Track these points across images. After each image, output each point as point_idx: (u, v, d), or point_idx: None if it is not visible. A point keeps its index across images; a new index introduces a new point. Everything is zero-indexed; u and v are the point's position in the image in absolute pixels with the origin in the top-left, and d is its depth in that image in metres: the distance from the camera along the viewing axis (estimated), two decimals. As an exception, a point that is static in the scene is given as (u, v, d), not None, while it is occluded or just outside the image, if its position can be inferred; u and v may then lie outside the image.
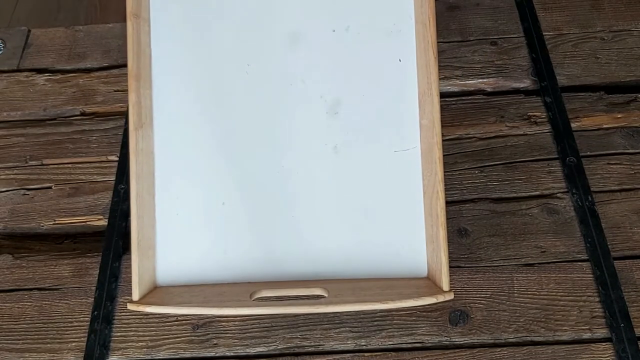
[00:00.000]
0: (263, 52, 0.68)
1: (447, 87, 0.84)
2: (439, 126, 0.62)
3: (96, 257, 0.73)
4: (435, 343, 0.65)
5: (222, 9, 0.69)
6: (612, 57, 0.85)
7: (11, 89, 0.88)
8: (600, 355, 0.63)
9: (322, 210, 0.66)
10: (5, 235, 0.77)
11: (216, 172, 0.67)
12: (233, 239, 0.66)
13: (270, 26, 0.68)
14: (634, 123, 0.79)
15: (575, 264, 0.69)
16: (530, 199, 0.74)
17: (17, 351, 0.67)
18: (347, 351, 0.65)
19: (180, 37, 0.68)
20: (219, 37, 0.69)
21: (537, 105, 0.81)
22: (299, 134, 0.67)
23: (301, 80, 0.68)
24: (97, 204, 0.77)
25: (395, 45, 0.67)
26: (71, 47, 0.91)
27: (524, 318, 0.65)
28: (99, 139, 0.82)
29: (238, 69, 0.68)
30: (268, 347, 0.65)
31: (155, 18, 0.68)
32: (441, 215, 0.61)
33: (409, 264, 0.65)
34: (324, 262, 0.65)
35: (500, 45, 0.87)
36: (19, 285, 0.72)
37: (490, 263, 0.69)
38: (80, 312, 0.69)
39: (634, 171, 0.75)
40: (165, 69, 0.68)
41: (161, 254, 0.66)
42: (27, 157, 0.81)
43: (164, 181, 0.67)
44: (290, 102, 0.68)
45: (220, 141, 0.68)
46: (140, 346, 0.66)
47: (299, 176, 0.67)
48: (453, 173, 0.76)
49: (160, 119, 0.67)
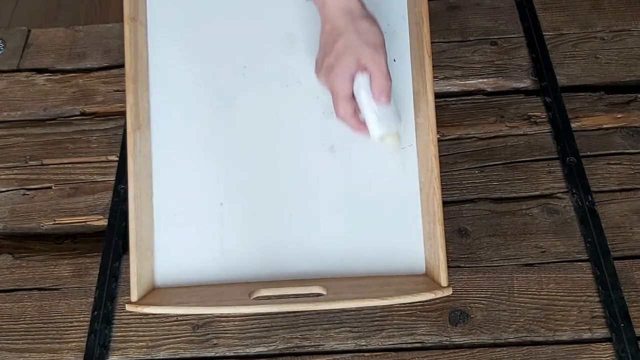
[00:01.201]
0: (259, 54, 0.69)
1: (447, 87, 0.84)
2: (434, 124, 0.62)
3: (96, 257, 0.73)
4: (435, 343, 0.65)
5: (218, 12, 0.70)
6: (612, 57, 0.85)
7: (11, 89, 0.88)
8: (600, 355, 0.63)
9: (319, 209, 0.66)
10: (5, 235, 0.77)
11: (214, 172, 0.67)
12: (231, 239, 0.66)
13: (267, 29, 0.68)
14: (634, 123, 0.79)
15: (575, 264, 0.69)
16: (530, 199, 0.74)
17: (17, 351, 0.67)
18: (347, 351, 0.65)
19: (177, 40, 0.69)
20: (215, 39, 0.69)
21: (537, 105, 0.81)
22: (296, 134, 0.68)
23: (297, 81, 0.68)
24: (97, 204, 0.77)
25: (390, 46, 0.68)
26: (71, 47, 0.91)
27: (524, 318, 0.65)
28: (99, 139, 0.82)
29: (235, 70, 0.69)
30: (268, 347, 0.65)
31: (152, 22, 0.68)
32: (438, 211, 0.61)
33: (407, 261, 0.65)
34: (322, 260, 0.65)
35: (500, 45, 0.87)
36: (19, 285, 0.72)
37: (490, 263, 0.69)
38: (80, 312, 0.69)
39: (634, 171, 0.75)
40: (162, 71, 0.68)
41: (160, 255, 0.66)
42: (27, 157, 0.81)
43: (162, 182, 0.67)
44: (287, 102, 0.68)
45: (218, 142, 0.68)
46: (140, 346, 0.66)
47: (296, 176, 0.67)
48: (453, 173, 0.76)
49: (158, 121, 0.68)
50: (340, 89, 0.59)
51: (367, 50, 0.57)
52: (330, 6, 0.58)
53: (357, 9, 0.58)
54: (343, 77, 0.58)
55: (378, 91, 0.58)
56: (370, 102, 0.59)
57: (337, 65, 0.58)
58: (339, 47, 0.58)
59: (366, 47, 0.57)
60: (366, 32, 0.58)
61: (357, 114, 0.61)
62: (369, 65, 0.58)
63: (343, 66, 0.58)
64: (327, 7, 0.58)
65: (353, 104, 0.60)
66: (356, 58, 0.57)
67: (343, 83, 0.58)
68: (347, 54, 0.57)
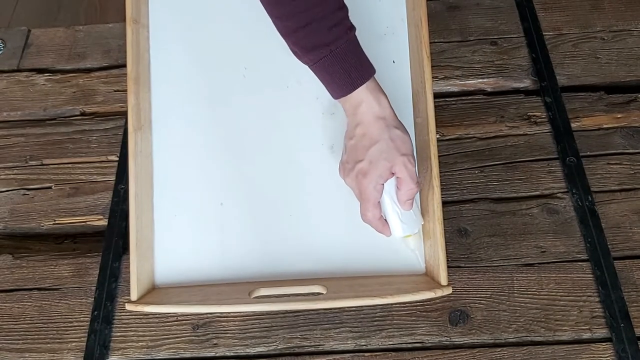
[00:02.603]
0: (259, 56, 0.69)
1: (447, 87, 0.84)
2: (433, 124, 0.62)
3: (96, 257, 0.73)
4: (435, 343, 0.65)
5: (218, 14, 0.70)
6: (612, 57, 0.85)
7: (11, 89, 0.88)
8: (600, 355, 0.63)
9: (319, 209, 0.66)
10: (5, 235, 0.77)
11: (214, 173, 0.67)
12: (231, 239, 0.66)
13: (267, 30, 0.68)
14: (634, 123, 0.79)
15: (575, 264, 0.69)
16: (530, 199, 0.74)
17: (17, 351, 0.67)
18: (347, 351, 0.65)
19: (178, 41, 0.69)
20: (216, 41, 0.70)
21: (537, 105, 0.81)
22: (296, 135, 0.68)
23: (297, 82, 0.69)
24: (97, 204, 0.77)
25: (389, 48, 0.68)
26: (71, 47, 0.91)
27: (524, 318, 0.65)
28: (99, 139, 0.82)
29: (235, 72, 0.69)
30: (268, 347, 0.65)
31: (154, 24, 0.69)
32: (437, 210, 0.61)
33: (407, 260, 0.65)
34: (322, 260, 0.65)
35: (500, 45, 0.87)
36: (19, 285, 0.72)
37: (490, 263, 0.69)
38: (80, 312, 0.69)
39: (634, 171, 0.75)
40: (163, 72, 0.69)
41: (160, 255, 0.66)
42: (27, 157, 0.81)
43: (163, 182, 0.67)
44: (287, 103, 0.68)
45: (218, 143, 0.68)
46: (140, 346, 0.66)
47: (296, 176, 0.67)
48: (453, 173, 0.76)
49: (159, 121, 0.68)
50: (372, 196, 0.60)
51: (400, 159, 0.59)
52: (365, 111, 0.59)
53: (391, 118, 0.59)
54: (376, 184, 0.59)
55: (406, 197, 0.60)
56: (394, 206, 0.61)
57: (370, 171, 0.59)
58: (374, 153, 0.59)
59: (399, 156, 0.59)
60: (400, 141, 0.59)
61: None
62: (401, 172, 0.59)
63: (377, 174, 0.59)
64: (361, 112, 0.59)
65: (380, 208, 0.61)
66: (390, 165, 0.59)
67: (375, 190, 0.60)
68: (382, 161, 0.59)
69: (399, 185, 0.60)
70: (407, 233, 0.63)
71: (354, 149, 0.60)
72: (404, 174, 0.59)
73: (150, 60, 0.68)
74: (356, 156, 0.60)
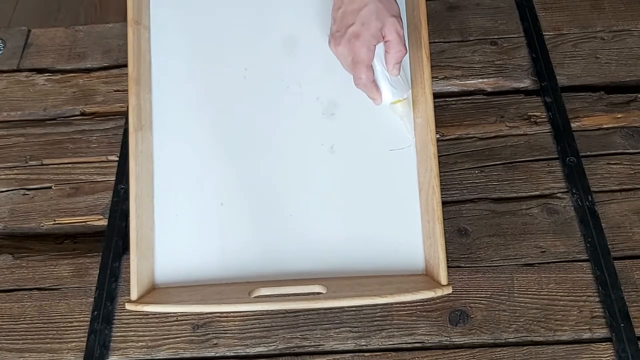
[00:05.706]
0: (260, 57, 0.69)
1: (447, 87, 0.84)
2: (433, 123, 0.62)
3: (96, 257, 0.73)
4: (435, 343, 0.65)
5: (219, 15, 0.70)
6: (612, 57, 0.85)
7: (11, 89, 0.88)
8: (600, 355, 0.63)
9: (319, 209, 0.66)
10: (5, 235, 0.77)
11: (215, 173, 0.67)
12: (231, 239, 0.66)
13: (267, 31, 0.69)
14: (634, 123, 0.79)
15: (575, 264, 0.69)
16: (530, 199, 0.74)
17: (17, 351, 0.67)
18: (347, 351, 0.65)
19: (179, 42, 0.70)
20: (216, 42, 0.70)
21: (537, 105, 0.81)
22: (296, 135, 0.68)
23: (297, 83, 0.69)
24: (97, 204, 0.77)
25: None
26: (71, 47, 0.91)
27: (524, 318, 0.65)
28: (99, 139, 0.82)
29: (236, 72, 0.69)
30: (268, 347, 0.65)
31: (155, 25, 0.69)
32: (437, 210, 0.61)
33: (407, 260, 0.65)
34: (322, 260, 0.65)
35: (500, 45, 0.87)
36: (19, 285, 0.72)
37: (490, 263, 0.69)
38: (80, 312, 0.69)
39: (634, 171, 0.75)
40: (164, 73, 0.69)
41: (160, 254, 0.66)
42: (27, 157, 0.81)
43: (163, 182, 0.67)
44: (287, 104, 0.69)
45: (219, 143, 0.68)
46: (140, 346, 0.66)
47: (296, 176, 0.67)
48: (453, 173, 0.76)
49: (160, 122, 0.68)
50: (366, 56, 0.60)
51: (390, 20, 0.59)
52: None
53: None
54: (369, 45, 0.60)
55: (394, 60, 0.61)
56: (384, 71, 0.62)
57: (363, 32, 0.59)
58: (365, 14, 0.59)
59: (390, 17, 0.59)
60: (388, 2, 0.60)
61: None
62: (390, 34, 0.60)
63: (369, 34, 0.59)
64: None
65: (372, 71, 0.62)
66: (381, 26, 0.59)
67: (369, 51, 0.60)
68: (373, 22, 0.59)
69: (387, 48, 0.61)
70: (396, 98, 0.64)
71: (343, 15, 0.61)
72: (393, 36, 0.60)
73: (151, 61, 0.69)
74: (347, 22, 0.61)
